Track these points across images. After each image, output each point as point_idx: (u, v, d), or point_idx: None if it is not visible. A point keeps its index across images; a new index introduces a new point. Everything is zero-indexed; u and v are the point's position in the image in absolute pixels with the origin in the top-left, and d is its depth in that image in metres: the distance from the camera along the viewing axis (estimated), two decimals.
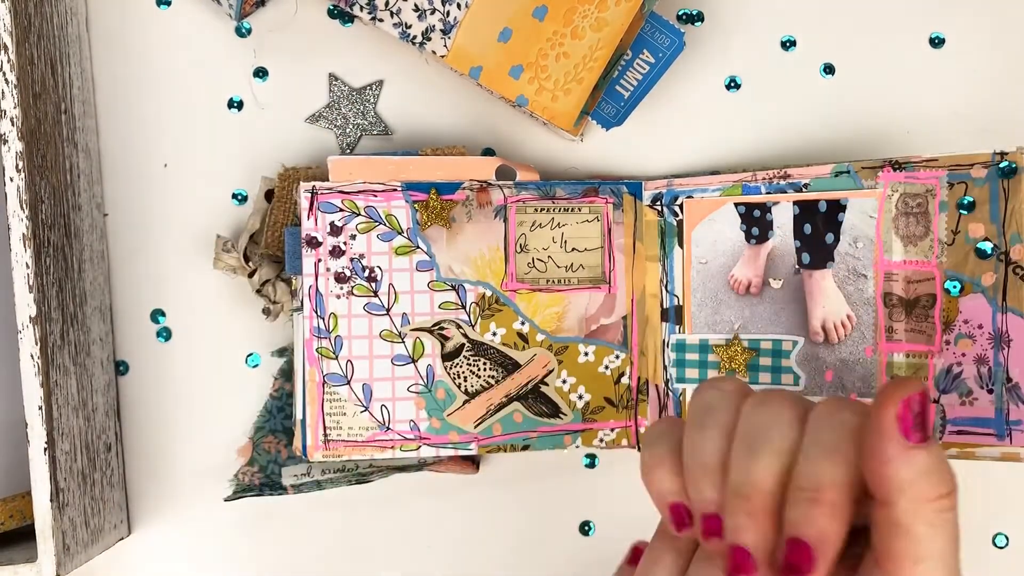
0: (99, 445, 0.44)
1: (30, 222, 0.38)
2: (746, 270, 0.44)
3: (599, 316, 0.45)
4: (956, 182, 0.41)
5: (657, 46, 0.44)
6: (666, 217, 0.45)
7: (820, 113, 0.46)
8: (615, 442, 0.45)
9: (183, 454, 0.47)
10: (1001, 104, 0.46)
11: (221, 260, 0.45)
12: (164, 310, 0.47)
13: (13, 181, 0.38)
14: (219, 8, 0.46)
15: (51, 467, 0.38)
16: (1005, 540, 0.46)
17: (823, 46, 0.46)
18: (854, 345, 0.42)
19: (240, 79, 0.47)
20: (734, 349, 0.44)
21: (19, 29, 0.38)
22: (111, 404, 0.46)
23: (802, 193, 0.43)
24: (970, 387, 0.41)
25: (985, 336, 0.41)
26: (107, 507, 0.44)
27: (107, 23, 0.46)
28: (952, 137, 0.46)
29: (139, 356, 0.47)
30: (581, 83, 0.43)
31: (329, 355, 0.43)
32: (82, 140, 0.44)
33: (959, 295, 0.41)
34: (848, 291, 0.42)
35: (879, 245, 0.42)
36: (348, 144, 0.46)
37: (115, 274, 0.47)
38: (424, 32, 0.43)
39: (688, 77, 0.46)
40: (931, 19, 0.46)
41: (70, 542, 0.39)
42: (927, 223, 0.41)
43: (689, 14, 0.46)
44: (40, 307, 0.38)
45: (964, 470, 0.45)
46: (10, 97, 0.38)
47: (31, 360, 0.38)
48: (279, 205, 0.45)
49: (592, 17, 0.42)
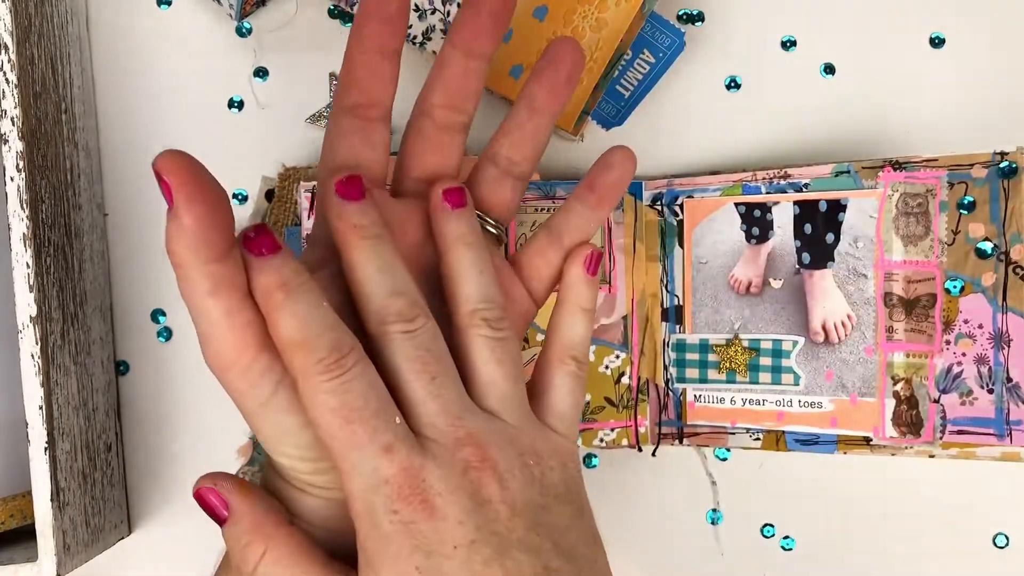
0: (99, 445, 0.44)
1: (30, 222, 0.38)
2: (746, 270, 0.44)
3: (599, 316, 0.45)
4: (956, 182, 0.41)
5: (657, 46, 0.44)
6: (666, 217, 0.45)
7: (820, 113, 0.46)
8: (615, 442, 0.45)
9: (183, 454, 0.47)
10: (1001, 104, 0.46)
11: None
12: (164, 310, 0.47)
13: (13, 181, 0.38)
14: (219, 8, 0.46)
15: (51, 467, 0.38)
16: (1005, 540, 0.46)
17: (823, 46, 0.46)
18: (854, 345, 0.42)
19: (240, 79, 0.47)
20: (734, 349, 0.44)
21: (19, 29, 0.38)
22: (111, 404, 0.46)
23: (802, 193, 0.43)
24: (970, 387, 0.41)
25: (985, 336, 0.41)
26: (107, 507, 0.44)
27: (107, 23, 0.46)
28: (952, 137, 0.46)
29: (139, 356, 0.47)
30: (581, 83, 0.43)
31: None
32: (82, 140, 0.44)
33: (959, 295, 0.41)
34: (848, 291, 0.42)
35: (879, 245, 0.42)
36: None
37: (115, 274, 0.47)
38: (424, 32, 0.43)
39: (688, 77, 0.47)
40: (931, 19, 0.46)
41: (70, 542, 0.39)
42: (927, 223, 0.41)
43: (689, 14, 0.46)
44: (40, 307, 0.38)
45: (964, 470, 0.45)
46: (10, 97, 0.38)
47: (31, 360, 0.38)
48: (279, 205, 0.45)
49: (592, 17, 0.42)
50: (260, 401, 0.28)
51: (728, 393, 0.44)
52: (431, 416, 0.29)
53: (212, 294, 0.27)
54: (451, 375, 0.30)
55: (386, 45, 0.32)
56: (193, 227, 0.26)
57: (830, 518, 0.47)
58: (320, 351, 0.27)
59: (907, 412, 0.42)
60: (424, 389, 0.29)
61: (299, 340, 0.27)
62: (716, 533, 0.47)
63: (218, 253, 0.27)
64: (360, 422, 0.27)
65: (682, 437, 0.45)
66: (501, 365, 0.31)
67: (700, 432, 0.45)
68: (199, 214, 0.26)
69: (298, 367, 0.28)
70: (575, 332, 0.34)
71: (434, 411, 0.29)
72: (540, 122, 0.34)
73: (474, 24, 0.32)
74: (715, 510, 0.47)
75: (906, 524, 0.46)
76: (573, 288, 0.34)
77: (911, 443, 0.42)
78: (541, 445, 0.30)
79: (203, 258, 0.27)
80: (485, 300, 0.31)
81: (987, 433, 0.41)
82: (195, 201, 0.26)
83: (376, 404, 0.28)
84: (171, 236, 0.27)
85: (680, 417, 0.45)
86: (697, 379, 0.44)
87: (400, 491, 0.27)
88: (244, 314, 0.28)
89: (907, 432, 0.42)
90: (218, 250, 0.27)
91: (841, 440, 0.43)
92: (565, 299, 0.35)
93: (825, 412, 0.43)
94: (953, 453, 0.41)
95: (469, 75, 0.33)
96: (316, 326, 0.28)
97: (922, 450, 0.42)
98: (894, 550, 0.46)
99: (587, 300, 0.34)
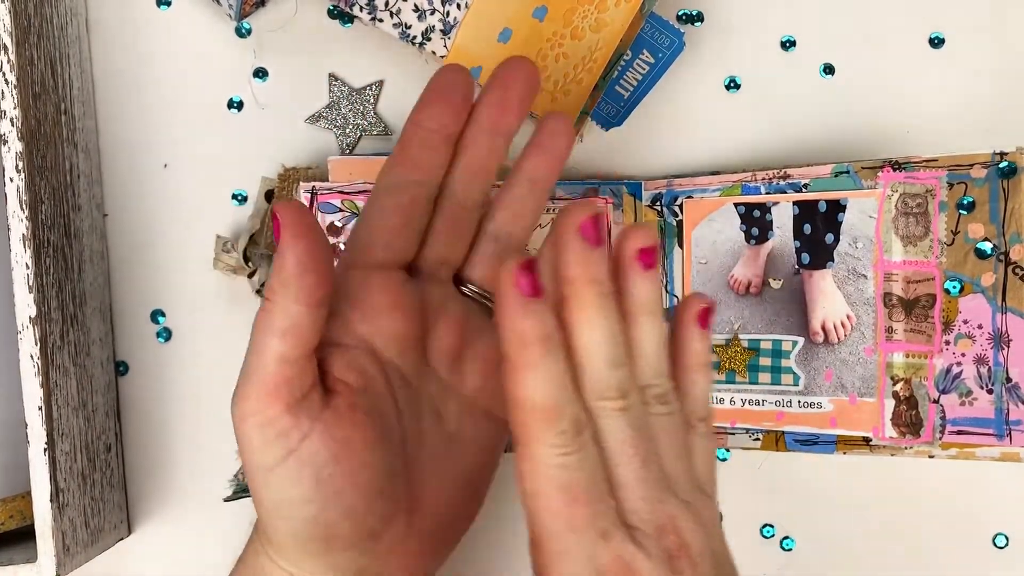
0: (99, 445, 0.44)
1: (30, 222, 0.38)
2: (746, 270, 0.44)
3: None
4: (956, 182, 0.41)
5: (657, 46, 0.44)
6: (666, 217, 0.45)
7: (820, 113, 0.46)
8: None
9: (183, 454, 0.47)
10: (1001, 104, 0.46)
11: (221, 260, 0.45)
12: (164, 310, 0.47)
13: (13, 181, 0.38)
14: (219, 8, 0.46)
15: (51, 467, 0.38)
16: (1005, 540, 0.46)
17: (823, 46, 0.46)
18: (854, 345, 0.42)
19: (240, 79, 0.47)
20: (734, 349, 0.44)
21: (19, 29, 0.38)
22: (111, 404, 0.46)
23: (802, 193, 0.43)
24: (970, 387, 0.41)
25: (985, 336, 0.41)
26: (107, 507, 0.44)
27: (107, 23, 0.46)
28: (952, 137, 0.46)
29: (139, 356, 0.47)
30: (581, 84, 0.43)
31: None
32: (82, 140, 0.44)
33: (959, 295, 0.41)
34: (848, 291, 0.42)
35: (879, 245, 0.42)
36: (348, 144, 0.46)
37: (115, 274, 0.47)
38: (424, 32, 0.43)
39: (688, 77, 0.46)
40: (931, 19, 0.46)
41: (70, 542, 0.39)
42: (927, 223, 0.41)
43: (689, 14, 0.46)
44: (40, 307, 0.38)
45: (964, 470, 0.45)
46: (10, 97, 0.38)
47: (31, 360, 0.38)
48: None
49: (592, 18, 0.42)
50: (268, 464, 0.28)
51: (728, 393, 0.44)
52: (637, 501, 0.28)
53: (281, 335, 0.27)
54: (656, 456, 0.29)
55: (447, 127, 0.32)
56: (292, 265, 0.27)
57: (830, 518, 0.47)
58: (563, 423, 0.26)
59: (906, 412, 0.42)
60: (635, 473, 0.28)
61: (548, 407, 0.26)
62: None
63: (307, 297, 0.27)
64: (585, 504, 0.27)
65: None
66: (673, 442, 0.30)
67: None
68: (299, 254, 0.27)
69: (534, 434, 0.27)
70: (698, 392, 0.32)
71: (640, 496, 0.28)
72: (542, 193, 0.34)
73: (502, 103, 0.32)
74: None
75: (906, 524, 0.46)
76: (689, 346, 0.32)
77: (910, 443, 0.42)
78: (707, 516, 0.29)
79: (291, 297, 0.27)
80: (658, 376, 0.30)
81: (986, 433, 0.41)
82: (299, 239, 0.27)
83: (600, 488, 0.27)
84: (271, 274, 0.27)
85: None
86: None
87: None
88: (294, 369, 0.28)
89: (906, 432, 0.42)
90: (308, 295, 0.27)
91: (841, 440, 0.43)
92: (683, 361, 0.32)
93: (825, 412, 0.43)
94: (952, 453, 0.41)
95: (493, 154, 0.33)
96: (566, 395, 0.27)
97: (921, 450, 0.42)
98: (894, 550, 0.46)
99: (706, 357, 0.32)
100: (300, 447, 0.28)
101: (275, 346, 0.28)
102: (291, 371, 0.28)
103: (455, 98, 0.32)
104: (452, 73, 0.33)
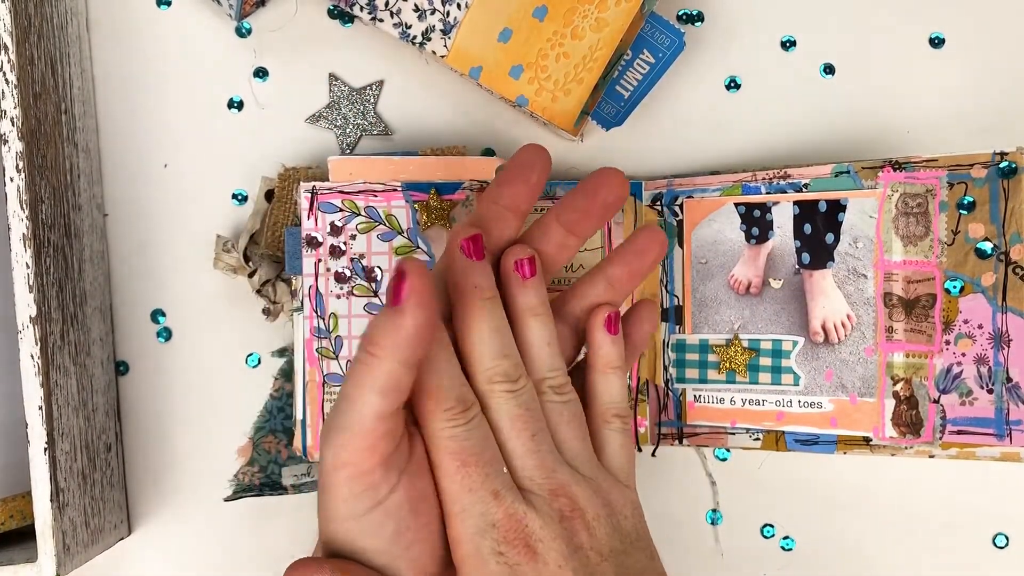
0: (99, 445, 0.44)
1: (30, 222, 0.38)
2: (746, 270, 0.44)
3: None
4: (956, 182, 0.41)
5: (657, 46, 0.44)
6: (666, 217, 0.45)
7: (820, 113, 0.46)
8: None
9: (183, 454, 0.47)
10: (1001, 104, 0.46)
11: (221, 260, 0.45)
12: (164, 310, 0.47)
13: (13, 181, 0.38)
14: (219, 8, 0.46)
15: (51, 467, 0.38)
16: (1005, 540, 0.46)
17: (823, 46, 0.46)
18: (854, 345, 0.42)
19: (240, 79, 0.47)
20: (734, 349, 0.44)
21: (19, 29, 0.38)
22: (111, 404, 0.46)
23: (802, 193, 0.43)
24: (970, 387, 0.41)
25: (985, 336, 0.41)
26: (107, 507, 0.44)
27: (107, 23, 0.46)
28: (952, 137, 0.46)
29: (139, 356, 0.47)
30: (581, 83, 0.43)
31: (329, 355, 0.43)
32: (82, 140, 0.44)
33: (959, 295, 0.41)
34: (848, 291, 0.42)
35: (879, 245, 0.42)
36: (348, 144, 0.46)
37: (115, 274, 0.47)
38: (424, 32, 0.43)
39: (688, 77, 0.47)
40: (931, 19, 0.46)
41: (70, 542, 0.39)
42: (927, 223, 0.41)
43: (689, 14, 0.46)
44: (40, 307, 0.38)
45: (964, 470, 0.45)
46: (10, 97, 0.38)
47: (31, 360, 0.38)
48: (279, 205, 0.45)
49: (592, 17, 0.42)
50: (355, 514, 0.29)
51: (728, 393, 0.44)
52: (530, 469, 0.31)
53: (382, 393, 0.28)
54: (546, 432, 0.33)
55: (520, 205, 0.35)
56: (410, 331, 0.28)
57: (830, 518, 0.47)
58: (448, 402, 0.30)
59: (907, 412, 0.42)
60: (524, 445, 0.32)
61: (434, 389, 0.30)
62: (716, 533, 0.47)
63: (412, 360, 0.28)
64: (475, 466, 0.30)
65: (682, 437, 0.45)
66: (570, 426, 0.33)
67: (700, 432, 0.45)
68: (421, 323, 0.28)
69: (427, 415, 0.30)
70: (612, 391, 0.36)
71: (532, 464, 0.31)
72: (620, 291, 0.37)
73: (587, 210, 0.35)
74: (715, 510, 0.47)
75: (906, 524, 0.46)
76: (600, 351, 0.36)
77: (911, 443, 0.42)
78: (615, 496, 0.33)
79: (399, 359, 0.28)
80: (551, 369, 0.34)
81: (987, 433, 0.41)
82: (424, 309, 0.28)
83: (490, 454, 0.31)
84: (381, 329, 0.28)
85: (680, 417, 0.45)
86: (697, 379, 0.44)
87: (506, 535, 0.30)
88: (391, 424, 0.29)
89: (907, 432, 0.42)
90: (417, 359, 0.28)
91: (841, 440, 0.43)
92: (594, 363, 0.36)
93: (825, 412, 0.43)
94: (953, 453, 0.41)
95: (563, 250, 0.35)
96: (454, 381, 0.31)
97: (922, 450, 0.42)
98: (894, 550, 0.46)
99: (616, 359, 0.36)
100: (387, 499, 0.29)
101: (375, 403, 0.28)
102: (386, 426, 0.29)
103: (532, 177, 0.34)
104: (532, 153, 0.35)
